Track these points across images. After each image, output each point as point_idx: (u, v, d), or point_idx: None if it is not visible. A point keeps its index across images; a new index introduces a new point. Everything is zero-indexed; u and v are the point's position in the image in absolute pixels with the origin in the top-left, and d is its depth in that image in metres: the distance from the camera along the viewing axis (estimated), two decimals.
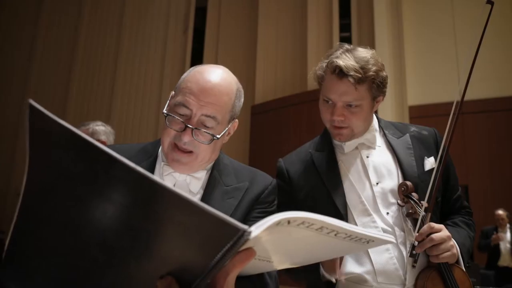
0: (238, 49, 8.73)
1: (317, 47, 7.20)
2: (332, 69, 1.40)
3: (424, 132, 1.55)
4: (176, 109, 1.09)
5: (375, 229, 1.37)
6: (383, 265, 1.33)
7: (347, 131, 1.44)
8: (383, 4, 6.80)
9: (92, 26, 9.95)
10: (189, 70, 1.16)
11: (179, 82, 1.15)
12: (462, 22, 6.81)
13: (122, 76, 9.24)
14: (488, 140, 6.21)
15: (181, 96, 1.09)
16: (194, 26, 9.08)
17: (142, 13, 9.71)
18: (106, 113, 8.87)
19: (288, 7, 8.09)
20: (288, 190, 1.52)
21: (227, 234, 0.58)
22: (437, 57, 6.90)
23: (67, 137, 0.66)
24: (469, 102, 6.09)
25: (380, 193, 1.42)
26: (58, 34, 10.02)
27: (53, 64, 9.81)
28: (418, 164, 1.45)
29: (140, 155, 1.17)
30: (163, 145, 1.12)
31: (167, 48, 9.20)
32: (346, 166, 1.48)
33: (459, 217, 1.54)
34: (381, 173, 1.45)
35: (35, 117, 0.68)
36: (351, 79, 1.35)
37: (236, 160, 1.38)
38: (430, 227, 1.29)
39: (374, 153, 1.49)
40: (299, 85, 7.39)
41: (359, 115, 1.42)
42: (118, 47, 9.59)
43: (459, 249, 1.36)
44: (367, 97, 1.41)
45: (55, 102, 9.53)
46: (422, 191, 1.36)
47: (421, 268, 1.34)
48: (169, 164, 1.13)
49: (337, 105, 1.42)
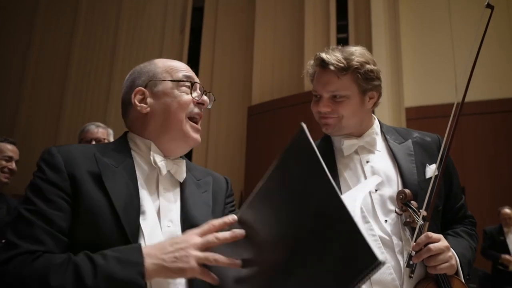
0: (235, 50, 8.70)
1: (314, 48, 7.18)
2: (317, 62, 1.45)
3: (427, 138, 1.51)
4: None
5: (372, 237, 1.33)
6: (379, 274, 1.26)
7: (333, 120, 1.43)
8: (380, 6, 6.79)
9: (89, 25, 9.90)
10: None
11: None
12: (459, 24, 6.81)
13: (119, 75, 9.19)
14: (485, 141, 6.21)
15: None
16: (191, 26, 9.04)
17: (139, 13, 9.67)
18: (102, 113, 8.82)
19: (285, 8, 8.07)
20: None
21: (365, 261, 0.61)
22: (434, 59, 6.90)
23: (317, 174, 0.74)
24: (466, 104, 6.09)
25: (378, 200, 1.38)
26: (54, 33, 9.96)
27: (49, 62, 9.76)
28: (419, 171, 1.41)
29: (113, 155, 1.13)
30: (182, 120, 1.14)
31: (164, 47, 9.16)
32: (345, 170, 1.44)
33: (461, 227, 1.50)
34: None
35: (301, 141, 0.77)
36: (332, 67, 1.39)
37: (233, 161, 1.38)
38: (427, 237, 1.25)
39: (374, 159, 1.45)
40: (296, 86, 7.37)
41: (346, 106, 1.41)
42: (115, 46, 9.55)
43: (459, 260, 1.32)
44: (352, 88, 1.41)
45: (51, 100, 9.48)
46: (422, 199, 1.32)
47: (418, 279, 1.30)
48: (187, 138, 1.15)
49: (323, 97, 1.43)
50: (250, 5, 8.54)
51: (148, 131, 1.15)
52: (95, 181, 1.03)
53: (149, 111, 1.15)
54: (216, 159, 7.97)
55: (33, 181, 1.04)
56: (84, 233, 0.99)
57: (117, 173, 1.07)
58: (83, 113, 9.12)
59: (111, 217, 1.00)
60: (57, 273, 0.88)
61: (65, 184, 1.01)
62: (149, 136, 1.15)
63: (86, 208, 1.00)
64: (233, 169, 7.52)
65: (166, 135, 1.14)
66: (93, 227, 0.99)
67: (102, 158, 1.08)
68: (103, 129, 2.86)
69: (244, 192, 7.28)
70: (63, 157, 1.05)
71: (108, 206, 1.01)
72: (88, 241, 0.98)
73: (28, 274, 0.89)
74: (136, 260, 0.90)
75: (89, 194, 1.01)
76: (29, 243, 0.93)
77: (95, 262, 0.90)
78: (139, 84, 1.18)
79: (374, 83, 1.44)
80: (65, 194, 1.01)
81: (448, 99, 6.58)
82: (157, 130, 1.14)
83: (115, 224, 0.99)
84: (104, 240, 0.98)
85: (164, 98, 1.15)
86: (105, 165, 1.06)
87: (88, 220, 0.99)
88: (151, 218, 1.07)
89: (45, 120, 9.45)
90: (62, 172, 1.03)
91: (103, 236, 0.98)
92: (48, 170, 1.03)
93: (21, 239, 0.93)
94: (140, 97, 1.16)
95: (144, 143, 1.15)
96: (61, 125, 9.31)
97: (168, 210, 1.11)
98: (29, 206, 0.99)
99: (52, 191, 1.00)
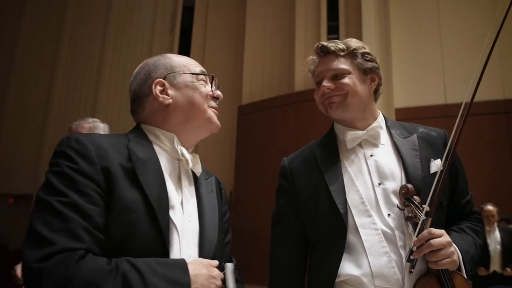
0: (225, 49, 8.67)
1: (304, 48, 7.19)
2: (317, 50, 1.50)
3: (433, 133, 1.52)
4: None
5: (374, 231, 1.33)
6: (381, 268, 1.29)
7: (338, 98, 1.44)
8: (370, 7, 6.82)
9: (77, 24, 9.79)
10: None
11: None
12: (447, 26, 6.87)
13: (108, 75, 9.11)
14: (472, 142, 6.27)
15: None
16: (181, 25, 9.00)
17: (129, 12, 9.59)
18: (91, 112, 8.72)
19: (276, 8, 8.06)
20: (291, 191, 1.50)
21: None
22: (424, 60, 6.95)
23: None
24: (455, 106, 6.14)
25: (382, 194, 1.38)
26: (41, 32, 9.83)
27: (36, 63, 9.62)
28: (423, 166, 1.40)
29: (137, 147, 1.09)
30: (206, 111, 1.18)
31: (153, 46, 9.09)
32: (348, 163, 1.44)
33: (466, 223, 1.49)
34: (384, 173, 1.41)
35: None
36: (332, 49, 1.46)
37: (223, 160, 1.38)
38: (429, 233, 1.25)
39: (378, 153, 1.45)
40: (286, 87, 7.37)
41: (348, 81, 1.44)
42: (104, 45, 9.45)
43: (461, 256, 1.31)
44: (353, 68, 1.46)
45: (38, 99, 9.34)
46: (426, 195, 1.31)
47: (420, 274, 1.30)
48: (211, 124, 1.20)
49: (325, 78, 1.46)
50: (241, 5, 8.52)
51: (169, 123, 1.14)
52: (127, 175, 0.99)
53: (171, 102, 1.14)
54: (205, 158, 7.93)
55: (61, 169, 0.94)
56: (118, 230, 0.94)
57: (147, 166, 1.03)
58: (70, 114, 9.00)
59: (146, 213, 0.97)
60: (108, 281, 0.83)
61: (99, 178, 0.95)
62: (171, 128, 1.14)
63: (121, 205, 0.95)
64: (223, 168, 7.49)
65: (188, 125, 1.15)
66: (128, 224, 0.94)
67: (134, 150, 1.04)
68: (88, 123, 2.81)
69: (234, 192, 7.26)
70: (94, 148, 0.98)
71: (142, 201, 0.97)
72: (121, 238, 0.94)
73: (75, 276, 0.82)
74: (183, 281, 0.91)
75: (123, 189, 0.96)
76: (66, 239, 0.85)
77: (144, 275, 0.87)
78: (157, 76, 1.16)
79: (373, 64, 1.50)
80: (99, 188, 0.94)
81: (437, 100, 6.64)
82: (180, 121, 1.14)
83: (150, 220, 0.97)
84: (139, 237, 0.95)
85: (186, 89, 1.16)
86: (137, 158, 1.03)
87: (123, 216, 0.94)
88: (179, 213, 1.07)
89: (31, 121, 9.32)
90: (96, 165, 0.96)
91: (139, 233, 0.95)
92: (80, 160, 0.95)
93: (56, 234, 0.85)
94: (160, 88, 1.15)
95: (166, 135, 1.14)
96: (47, 128, 9.17)
97: (188, 204, 1.11)
98: (61, 198, 0.90)
99: (86, 184, 0.93)
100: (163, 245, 0.98)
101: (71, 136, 1.00)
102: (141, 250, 0.94)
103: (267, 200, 5.83)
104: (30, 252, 0.84)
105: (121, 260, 0.89)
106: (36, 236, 0.86)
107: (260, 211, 5.58)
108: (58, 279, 0.81)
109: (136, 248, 0.94)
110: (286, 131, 6.70)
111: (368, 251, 1.31)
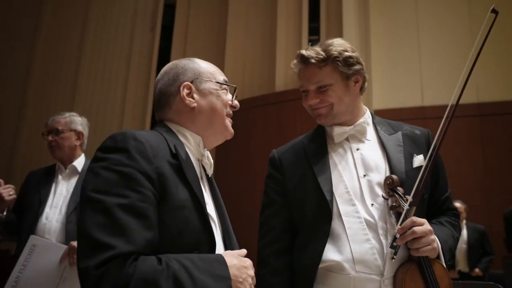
0: (206, 48, 8.65)
1: (286, 49, 7.24)
2: (298, 59, 1.55)
3: (416, 131, 1.61)
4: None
5: (357, 219, 1.40)
6: (363, 254, 1.36)
7: (324, 110, 1.51)
8: (351, 9, 6.93)
9: (55, 20, 9.59)
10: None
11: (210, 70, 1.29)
12: (425, 31, 7.03)
13: (86, 72, 8.96)
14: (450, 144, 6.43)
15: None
16: (162, 23, 8.93)
17: (109, 9, 9.45)
18: (69, 110, 8.56)
19: (258, 8, 8.09)
20: (280, 179, 1.56)
21: None
22: (402, 62, 7.11)
23: None
24: (433, 108, 6.29)
25: (366, 185, 1.45)
26: (18, 25, 9.59)
27: (12, 58, 9.39)
28: (406, 161, 1.49)
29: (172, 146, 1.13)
30: (223, 120, 1.25)
31: (133, 45, 8.99)
32: (336, 156, 1.52)
33: (445, 217, 1.59)
34: (369, 166, 1.48)
35: None
36: (312, 60, 1.48)
37: None
38: (412, 221, 1.32)
39: (364, 147, 1.53)
40: (267, 87, 7.40)
41: (332, 93, 1.49)
42: (82, 42, 9.28)
43: (441, 245, 1.39)
44: (335, 76, 1.50)
45: (12, 95, 9.11)
46: (409, 187, 1.39)
47: (401, 261, 1.37)
48: (226, 132, 1.28)
49: (309, 90, 1.52)
50: (223, 4, 8.52)
51: (196, 126, 1.20)
52: (176, 173, 1.03)
53: (196, 106, 1.19)
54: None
55: (119, 168, 0.94)
56: (174, 225, 0.98)
57: (189, 165, 1.09)
58: (47, 111, 8.81)
59: (195, 209, 1.03)
60: (162, 280, 0.87)
61: (154, 177, 0.97)
62: (197, 131, 1.21)
63: (175, 202, 0.99)
64: None
65: (210, 129, 1.22)
66: (182, 219, 0.99)
67: (178, 149, 1.08)
68: (65, 118, 2.76)
69: None
70: (149, 147, 1.00)
71: (191, 200, 1.03)
72: (178, 233, 0.98)
73: (132, 278, 0.85)
74: (225, 274, 0.96)
75: (174, 187, 1.00)
76: (123, 243, 0.87)
77: (191, 272, 0.91)
78: (185, 79, 1.22)
79: (356, 68, 1.52)
80: (154, 187, 0.96)
81: (414, 102, 6.79)
82: (205, 125, 1.21)
83: (199, 216, 1.03)
84: (193, 231, 1.01)
85: (210, 96, 1.22)
86: (181, 157, 1.08)
87: (178, 213, 0.99)
88: (212, 211, 1.15)
89: (5, 116, 9.09)
90: (152, 164, 0.98)
91: (192, 228, 1.01)
92: (140, 158, 0.96)
93: (114, 238, 0.87)
94: (187, 91, 1.20)
95: (194, 138, 1.20)
96: (21, 125, 8.94)
97: (209, 201, 1.19)
98: (121, 200, 0.91)
99: (144, 183, 0.94)
100: (211, 237, 1.05)
101: (126, 132, 1.01)
102: (194, 243, 1.00)
103: (247, 199, 5.85)
104: (87, 257, 0.86)
105: (169, 258, 0.92)
106: (93, 240, 0.88)
107: (240, 208, 5.60)
108: (116, 282, 0.84)
109: (191, 240, 1.00)
110: (267, 131, 6.73)
111: (351, 238, 1.38)
